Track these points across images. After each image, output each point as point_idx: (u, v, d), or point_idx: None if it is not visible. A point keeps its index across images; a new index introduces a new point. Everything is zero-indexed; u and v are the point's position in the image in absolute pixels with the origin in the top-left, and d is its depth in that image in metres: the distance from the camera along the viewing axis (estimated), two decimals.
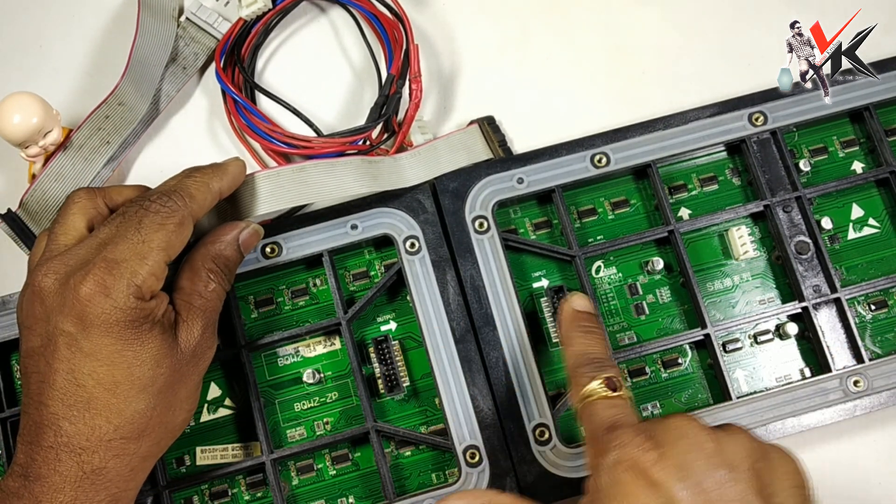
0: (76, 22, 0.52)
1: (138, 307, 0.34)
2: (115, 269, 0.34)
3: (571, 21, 0.52)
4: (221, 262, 0.39)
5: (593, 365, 0.37)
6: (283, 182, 0.41)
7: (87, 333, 0.34)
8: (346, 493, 0.43)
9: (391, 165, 0.43)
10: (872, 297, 0.45)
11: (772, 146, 0.46)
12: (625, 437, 0.32)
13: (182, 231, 0.37)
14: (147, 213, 0.36)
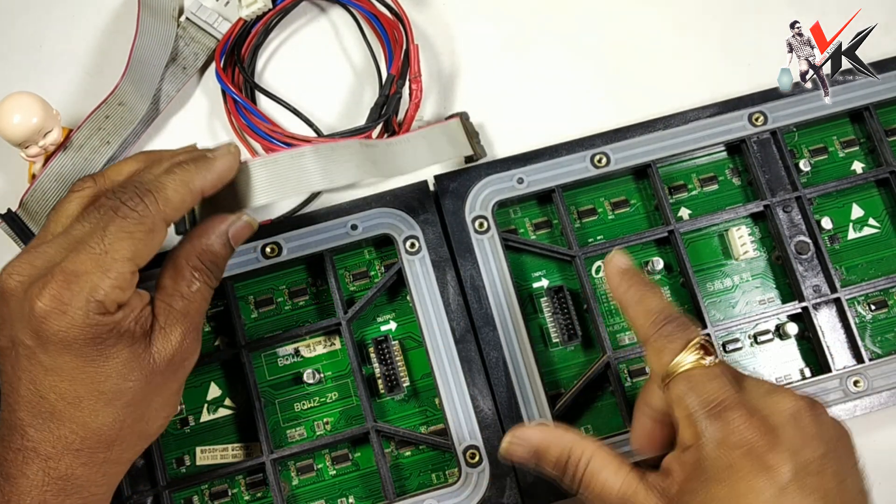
0: (76, 22, 0.52)
1: (99, 323, 0.32)
2: (73, 283, 0.32)
3: (571, 21, 0.52)
4: (208, 258, 0.36)
5: (675, 324, 0.34)
6: (281, 169, 0.38)
7: (45, 349, 0.32)
8: (346, 493, 0.43)
9: (385, 151, 0.41)
10: (872, 297, 0.45)
11: (772, 146, 0.46)
12: (738, 421, 0.31)
13: (152, 238, 0.34)
14: (114, 218, 0.33)
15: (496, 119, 0.50)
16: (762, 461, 0.31)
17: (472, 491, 0.41)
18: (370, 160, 0.40)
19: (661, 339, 0.34)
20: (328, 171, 0.38)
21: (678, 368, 0.33)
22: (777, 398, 0.33)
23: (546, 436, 0.36)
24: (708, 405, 0.32)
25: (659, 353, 0.34)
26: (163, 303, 0.35)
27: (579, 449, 0.35)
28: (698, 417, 0.32)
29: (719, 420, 0.32)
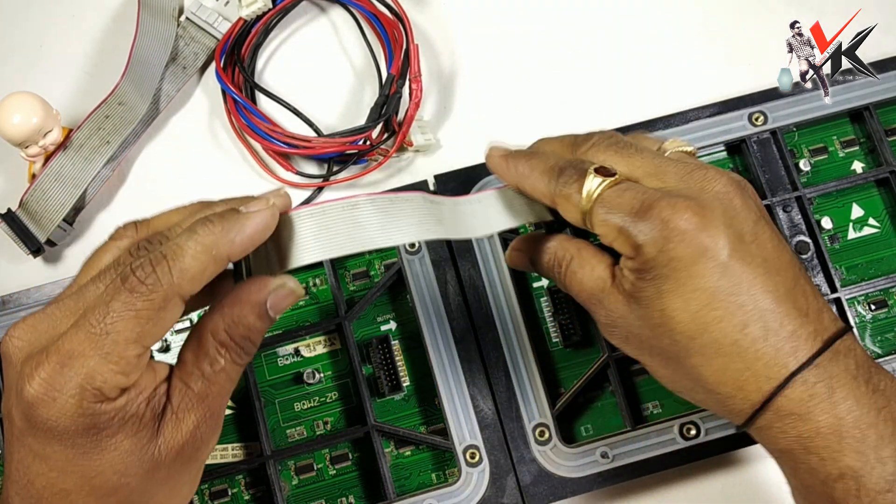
0: (76, 22, 0.52)
1: (95, 412, 0.28)
2: (66, 367, 0.28)
3: (571, 21, 0.52)
4: (239, 332, 0.30)
5: (567, 168, 0.34)
6: (330, 222, 0.32)
7: (35, 435, 0.28)
8: (346, 493, 0.43)
9: (452, 209, 0.36)
10: (872, 297, 0.45)
11: (772, 146, 0.46)
12: (665, 211, 0.31)
13: (163, 316, 0.29)
14: (121, 291, 0.28)
15: (496, 119, 0.50)
16: (699, 243, 0.31)
17: (472, 491, 0.41)
18: (435, 217, 0.34)
19: (561, 188, 0.34)
20: (385, 227, 0.32)
21: (591, 201, 0.33)
22: (700, 178, 0.33)
23: (536, 243, 0.36)
24: (632, 212, 0.32)
25: (567, 199, 0.33)
26: (180, 382, 0.30)
27: (562, 251, 0.35)
28: (628, 227, 0.32)
29: (646, 220, 0.31)
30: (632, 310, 0.33)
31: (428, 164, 0.49)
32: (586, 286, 0.34)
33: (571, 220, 0.34)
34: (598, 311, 0.34)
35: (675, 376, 0.33)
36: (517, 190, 0.36)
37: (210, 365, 0.30)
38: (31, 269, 0.47)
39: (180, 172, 0.49)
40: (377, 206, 0.32)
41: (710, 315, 0.31)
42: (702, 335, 0.31)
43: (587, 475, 0.41)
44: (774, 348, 0.31)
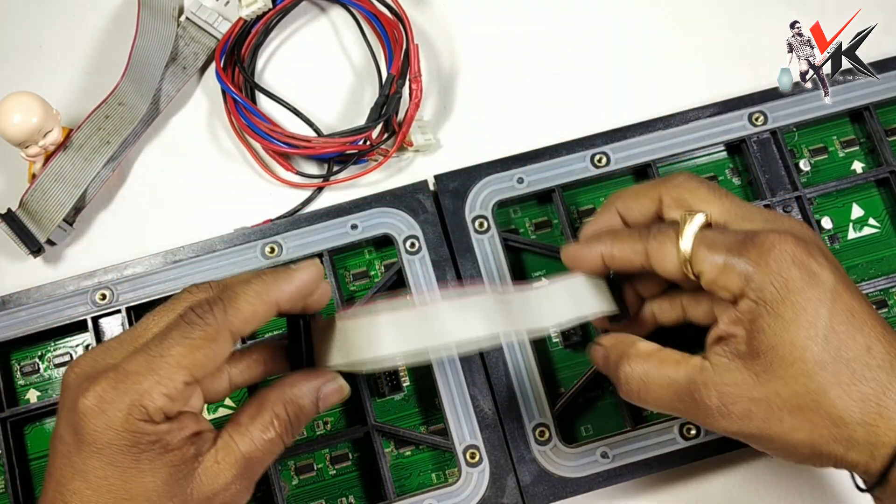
0: (76, 22, 0.52)
1: (139, 430, 0.30)
2: (121, 383, 0.30)
3: (571, 21, 0.52)
4: (293, 410, 0.34)
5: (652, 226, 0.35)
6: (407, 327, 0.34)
7: (79, 449, 0.30)
8: (346, 493, 0.43)
9: (521, 303, 0.36)
10: (872, 297, 0.45)
11: (772, 146, 0.46)
12: (772, 240, 0.32)
13: (213, 347, 0.31)
14: (179, 323, 0.31)
15: (496, 119, 0.50)
16: (808, 267, 0.31)
17: (472, 491, 0.41)
18: (502, 313, 0.35)
19: (655, 238, 0.34)
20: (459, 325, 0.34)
21: (689, 246, 0.33)
22: (786, 220, 0.34)
23: (613, 344, 0.36)
24: (736, 246, 0.32)
25: (662, 247, 0.34)
26: (229, 437, 0.32)
27: (634, 353, 0.35)
28: (734, 261, 0.32)
29: (753, 249, 0.32)
30: (750, 369, 0.32)
31: (428, 164, 0.49)
32: (681, 376, 0.33)
33: (668, 269, 0.34)
34: (706, 395, 0.32)
35: (813, 430, 0.31)
36: (603, 269, 0.37)
37: (262, 432, 0.33)
38: (31, 269, 0.47)
39: (180, 172, 0.49)
40: (452, 308, 0.34)
41: (838, 339, 0.31)
42: (835, 361, 0.31)
43: (587, 475, 0.41)
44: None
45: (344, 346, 0.34)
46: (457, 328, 0.34)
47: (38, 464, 0.43)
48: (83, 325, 0.43)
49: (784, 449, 0.32)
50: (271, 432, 0.33)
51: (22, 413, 0.42)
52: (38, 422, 0.44)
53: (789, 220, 0.35)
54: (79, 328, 0.44)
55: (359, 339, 0.34)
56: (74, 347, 0.45)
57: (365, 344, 0.34)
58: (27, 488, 0.43)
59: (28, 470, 0.43)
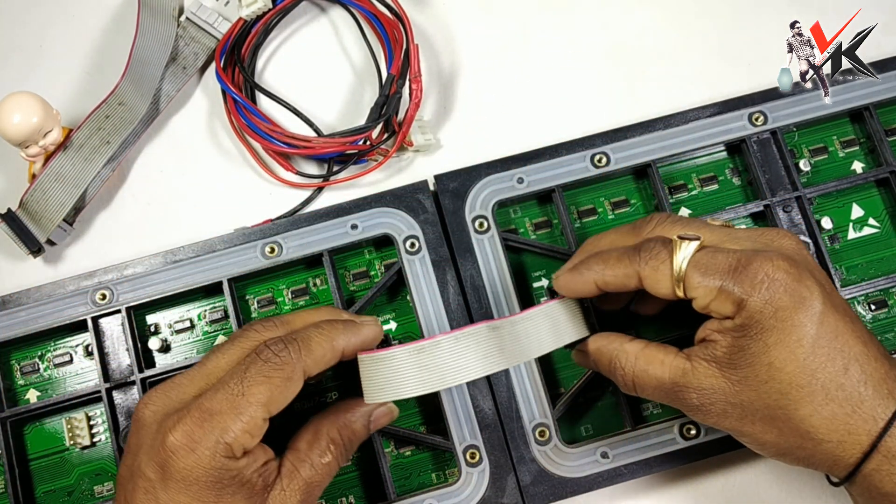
0: (76, 22, 0.52)
1: (224, 466, 0.32)
2: (206, 422, 0.32)
3: (572, 21, 0.52)
4: (347, 434, 0.36)
5: (646, 244, 0.35)
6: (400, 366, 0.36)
7: (166, 485, 0.32)
8: (346, 493, 0.43)
9: (511, 331, 0.38)
10: (872, 297, 0.45)
11: (772, 146, 0.46)
12: (764, 266, 0.33)
13: (289, 386, 0.33)
14: (256, 361, 0.33)
15: (496, 119, 0.50)
16: (798, 293, 0.32)
17: (473, 491, 0.41)
18: (497, 348, 0.37)
19: (647, 262, 0.35)
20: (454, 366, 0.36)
21: (682, 268, 0.34)
22: (771, 237, 0.35)
23: (598, 346, 0.38)
24: (729, 273, 0.33)
25: (655, 271, 0.35)
26: (291, 464, 0.35)
27: (623, 356, 0.37)
28: (729, 288, 0.33)
29: (747, 275, 0.33)
30: (727, 377, 0.34)
31: (428, 164, 0.49)
32: (666, 377, 0.35)
33: (661, 291, 0.35)
34: (687, 396, 0.35)
35: (781, 436, 0.34)
36: (597, 292, 0.37)
37: (320, 456, 0.35)
38: (31, 269, 0.47)
39: (180, 172, 0.49)
40: (444, 348, 0.36)
41: (816, 361, 0.32)
42: (810, 383, 0.32)
43: (587, 475, 0.41)
44: (875, 390, 0.32)
45: (370, 386, 0.36)
46: (459, 372, 0.36)
47: (37, 464, 0.43)
48: (83, 325, 0.43)
49: (755, 444, 0.35)
50: (328, 456, 0.35)
51: (22, 413, 0.42)
52: (37, 422, 0.44)
53: (778, 236, 0.35)
54: (79, 328, 0.44)
55: (381, 383, 0.36)
56: (74, 347, 0.45)
57: (387, 388, 0.36)
58: (27, 488, 0.43)
59: (28, 470, 0.43)
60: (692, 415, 0.35)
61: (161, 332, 0.45)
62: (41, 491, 0.43)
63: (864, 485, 0.33)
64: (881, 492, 0.32)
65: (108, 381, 0.43)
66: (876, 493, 0.33)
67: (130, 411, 0.43)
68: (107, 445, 0.43)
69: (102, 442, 0.43)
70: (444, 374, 0.35)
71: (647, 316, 0.42)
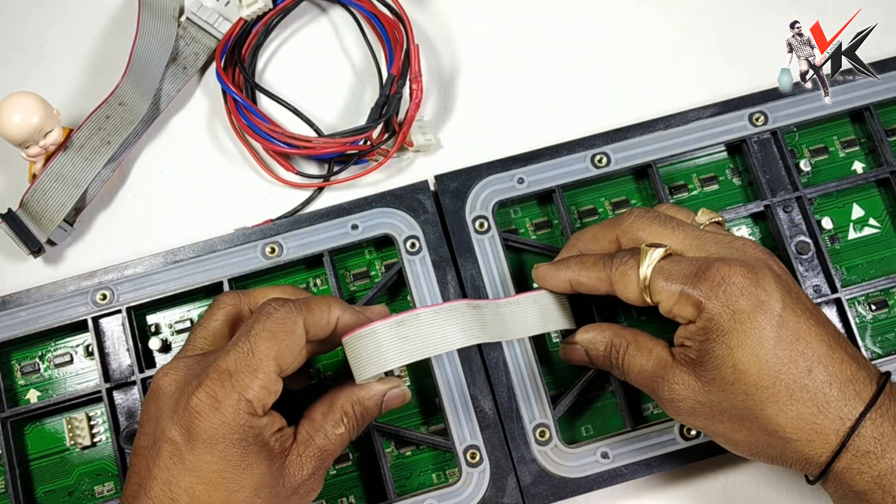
0: (76, 22, 0.52)
1: (248, 423, 0.33)
2: (226, 381, 0.33)
3: (572, 21, 0.52)
4: (359, 409, 0.37)
5: (618, 254, 0.38)
6: (381, 340, 0.36)
7: (192, 447, 0.32)
8: (346, 493, 0.43)
9: (494, 312, 0.39)
10: (873, 297, 0.45)
11: (772, 146, 0.46)
12: (722, 271, 0.34)
13: (293, 339, 0.34)
14: (258, 319, 0.34)
15: (496, 119, 0.50)
16: (756, 296, 0.34)
17: (473, 491, 0.41)
18: (478, 324, 0.38)
19: (617, 268, 0.37)
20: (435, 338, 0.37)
21: (647, 274, 0.36)
22: (740, 245, 0.37)
23: (591, 335, 0.40)
24: (689, 278, 0.35)
25: (624, 276, 0.37)
26: (306, 432, 0.36)
27: (618, 340, 0.38)
28: (688, 291, 0.35)
29: (705, 280, 0.34)
30: (698, 377, 0.35)
31: (428, 165, 0.49)
32: (647, 367, 0.37)
33: (630, 297, 0.37)
34: (661, 388, 0.36)
35: (750, 435, 0.35)
36: (570, 291, 0.40)
37: (334, 427, 0.36)
38: (31, 269, 0.47)
39: (181, 172, 0.49)
40: (424, 321, 0.36)
41: (777, 363, 0.33)
42: (774, 384, 0.33)
43: (588, 475, 0.41)
44: (840, 391, 0.33)
45: (357, 363, 0.37)
46: (440, 343, 0.36)
47: (37, 464, 0.43)
48: (83, 325, 0.43)
49: (727, 443, 0.36)
50: (341, 428, 0.36)
51: (22, 413, 0.42)
52: (38, 422, 0.44)
53: (743, 244, 0.37)
54: (79, 328, 0.44)
55: (366, 358, 0.36)
56: (75, 347, 0.45)
57: (372, 362, 0.36)
58: (27, 488, 0.43)
59: (28, 470, 0.43)
60: (664, 407, 0.37)
61: (161, 332, 0.45)
62: (41, 491, 0.43)
63: (837, 483, 0.34)
64: (854, 490, 0.33)
65: (108, 381, 0.43)
66: (849, 491, 0.34)
67: (131, 411, 0.43)
68: (107, 445, 0.43)
69: (103, 442, 0.43)
70: (426, 344, 0.36)
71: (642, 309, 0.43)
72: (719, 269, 0.34)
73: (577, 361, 0.41)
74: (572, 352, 0.41)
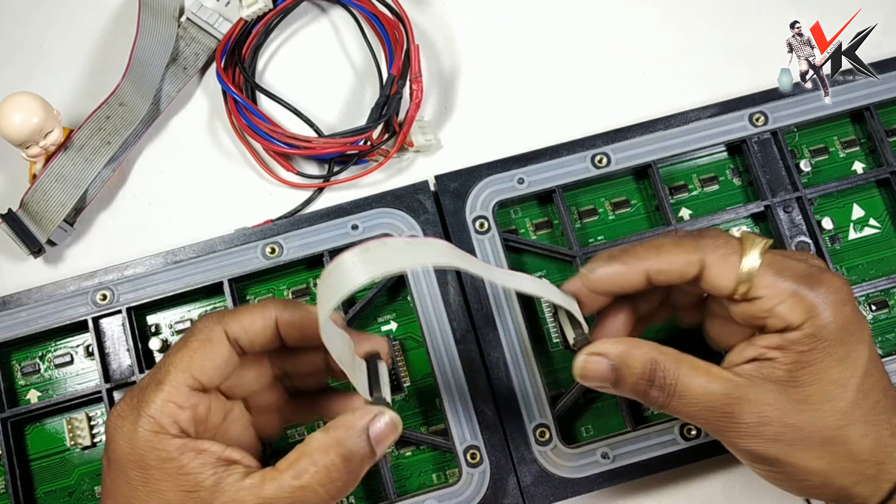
0: (76, 22, 0.52)
1: (150, 443, 0.29)
2: (133, 398, 0.31)
3: (572, 21, 0.52)
4: (338, 454, 0.31)
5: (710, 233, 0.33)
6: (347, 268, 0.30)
7: (109, 470, 0.31)
8: None
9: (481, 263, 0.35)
10: (873, 298, 0.45)
11: (772, 146, 0.46)
12: (835, 281, 0.32)
13: (209, 348, 0.31)
14: (181, 339, 0.32)
15: (496, 119, 0.50)
16: (858, 312, 0.32)
17: (473, 491, 0.41)
18: (458, 258, 0.33)
19: (714, 250, 0.32)
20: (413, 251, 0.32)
21: (755, 265, 0.32)
22: (823, 265, 0.34)
23: (625, 347, 0.33)
24: (804, 279, 0.32)
25: (724, 260, 0.32)
26: (261, 476, 0.30)
27: (664, 357, 0.32)
28: (803, 293, 0.31)
29: (821, 285, 0.32)
30: (789, 395, 0.31)
31: (428, 165, 0.49)
32: (715, 389, 0.32)
33: (720, 283, 0.32)
34: (741, 412, 0.31)
35: (833, 463, 0.32)
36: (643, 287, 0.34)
37: (293, 478, 0.30)
38: (31, 269, 0.47)
39: (181, 173, 0.49)
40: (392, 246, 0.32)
41: (870, 381, 0.32)
42: (865, 402, 0.32)
43: (588, 476, 0.41)
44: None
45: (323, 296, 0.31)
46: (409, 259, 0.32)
47: (38, 464, 0.43)
48: (84, 325, 0.43)
49: (795, 475, 0.32)
50: (303, 479, 0.30)
51: (22, 413, 0.42)
52: (38, 422, 0.44)
53: (826, 267, 0.34)
54: (79, 328, 0.44)
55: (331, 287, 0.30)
56: (75, 348, 0.45)
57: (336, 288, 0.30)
58: (27, 488, 0.43)
59: (28, 470, 0.43)
60: (734, 437, 0.32)
61: (162, 333, 0.45)
62: (42, 491, 0.43)
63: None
64: None
65: (108, 381, 0.43)
66: None
67: None
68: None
69: (103, 442, 0.43)
70: (392, 261, 0.31)
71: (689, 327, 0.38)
72: (833, 278, 0.32)
73: (596, 379, 0.34)
74: (594, 367, 0.33)
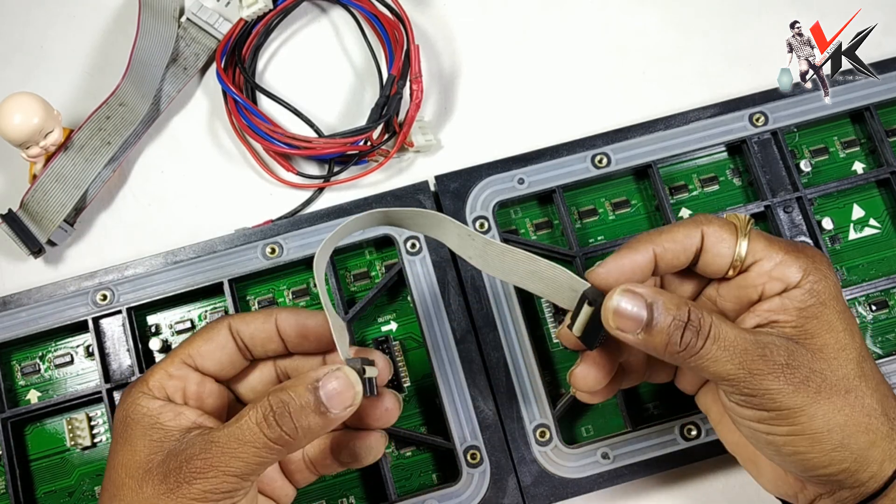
0: (77, 22, 0.52)
1: (135, 401, 0.33)
2: (140, 378, 0.34)
3: (572, 21, 0.52)
4: (276, 401, 0.30)
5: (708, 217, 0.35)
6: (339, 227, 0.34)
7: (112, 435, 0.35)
8: (346, 493, 0.43)
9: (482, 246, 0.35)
10: (873, 298, 0.45)
11: (772, 146, 0.46)
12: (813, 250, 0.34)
13: (212, 336, 0.35)
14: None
15: (496, 119, 0.50)
16: (837, 281, 0.34)
17: (473, 491, 0.41)
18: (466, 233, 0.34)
19: (713, 225, 0.34)
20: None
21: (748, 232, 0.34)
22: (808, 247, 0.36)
23: (657, 290, 0.32)
24: (789, 247, 0.34)
25: (721, 231, 0.34)
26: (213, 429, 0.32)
27: (695, 305, 0.32)
28: (795, 256, 0.34)
29: (803, 252, 0.34)
30: (806, 346, 0.32)
31: (428, 165, 0.49)
32: (747, 335, 0.32)
33: (720, 254, 0.34)
34: (774, 352, 0.32)
35: (850, 417, 0.32)
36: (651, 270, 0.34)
37: (237, 419, 0.31)
38: (31, 269, 0.47)
39: (181, 173, 0.49)
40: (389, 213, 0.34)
41: (863, 344, 0.34)
42: (869, 355, 0.34)
43: (588, 476, 0.41)
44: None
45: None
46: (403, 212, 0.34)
47: (38, 464, 0.43)
48: (84, 325, 0.43)
49: (817, 431, 0.32)
50: (242, 419, 0.30)
51: (22, 413, 0.42)
52: (38, 422, 0.44)
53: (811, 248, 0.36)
54: (79, 329, 0.44)
55: None
56: (75, 348, 0.45)
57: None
58: (28, 489, 0.43)
59: (28, 470, 0.43)
60: (772, 379, 0.31)
61: (162, 333, 0.45)
62: (42, 491, 0.43)
63: None
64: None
65: (108, 381, 0.43)
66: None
67: None
68: (107, 446, 0.43)
69: (103, 443, 0.43)
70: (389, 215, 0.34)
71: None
72: (809, 248, 0.34)
73: (629, 318, 0.32)
74: (629, 305, 0.32)
